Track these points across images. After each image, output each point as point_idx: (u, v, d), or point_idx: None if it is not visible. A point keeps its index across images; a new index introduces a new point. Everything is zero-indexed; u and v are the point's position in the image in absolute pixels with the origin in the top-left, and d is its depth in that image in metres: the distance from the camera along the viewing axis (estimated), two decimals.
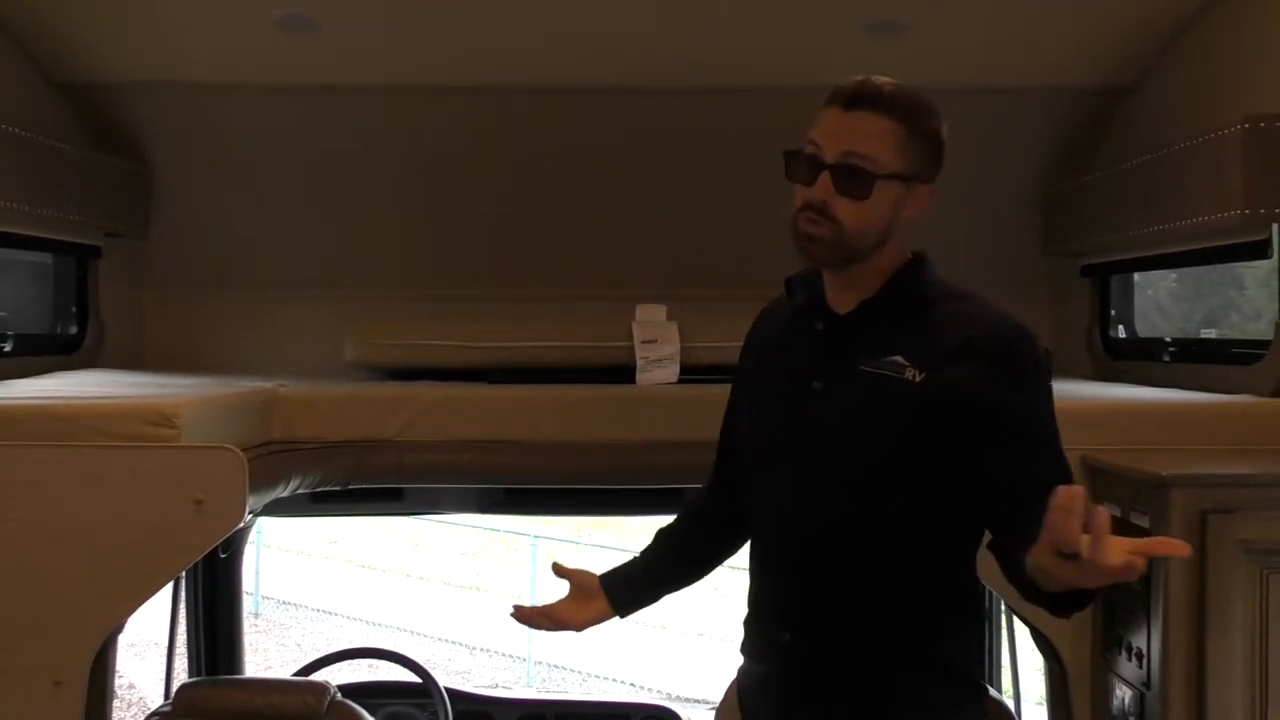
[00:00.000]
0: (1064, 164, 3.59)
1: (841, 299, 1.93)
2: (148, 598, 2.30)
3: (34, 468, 2.23)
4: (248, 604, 13.69)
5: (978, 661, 1.98)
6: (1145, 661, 2.16)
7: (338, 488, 2.84)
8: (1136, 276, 3.63)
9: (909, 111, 1.82)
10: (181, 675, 3.59)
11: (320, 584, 14.97)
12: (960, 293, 1.90)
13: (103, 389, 2.66)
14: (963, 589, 1.93)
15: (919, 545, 1.86)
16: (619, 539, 14.60)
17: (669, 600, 2.25)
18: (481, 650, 12.87)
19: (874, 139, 1.80)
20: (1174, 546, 1.57)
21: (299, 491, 2.75)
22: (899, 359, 1.81)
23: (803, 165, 1.85)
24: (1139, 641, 2.18)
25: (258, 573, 14.18)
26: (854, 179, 1.80)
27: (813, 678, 1.91)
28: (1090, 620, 2.37)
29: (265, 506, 2.90)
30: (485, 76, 3.30)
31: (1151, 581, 2.13)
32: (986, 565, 1.90)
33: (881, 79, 1.83)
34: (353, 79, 3.29)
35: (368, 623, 13.68)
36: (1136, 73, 3.28)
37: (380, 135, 3.47)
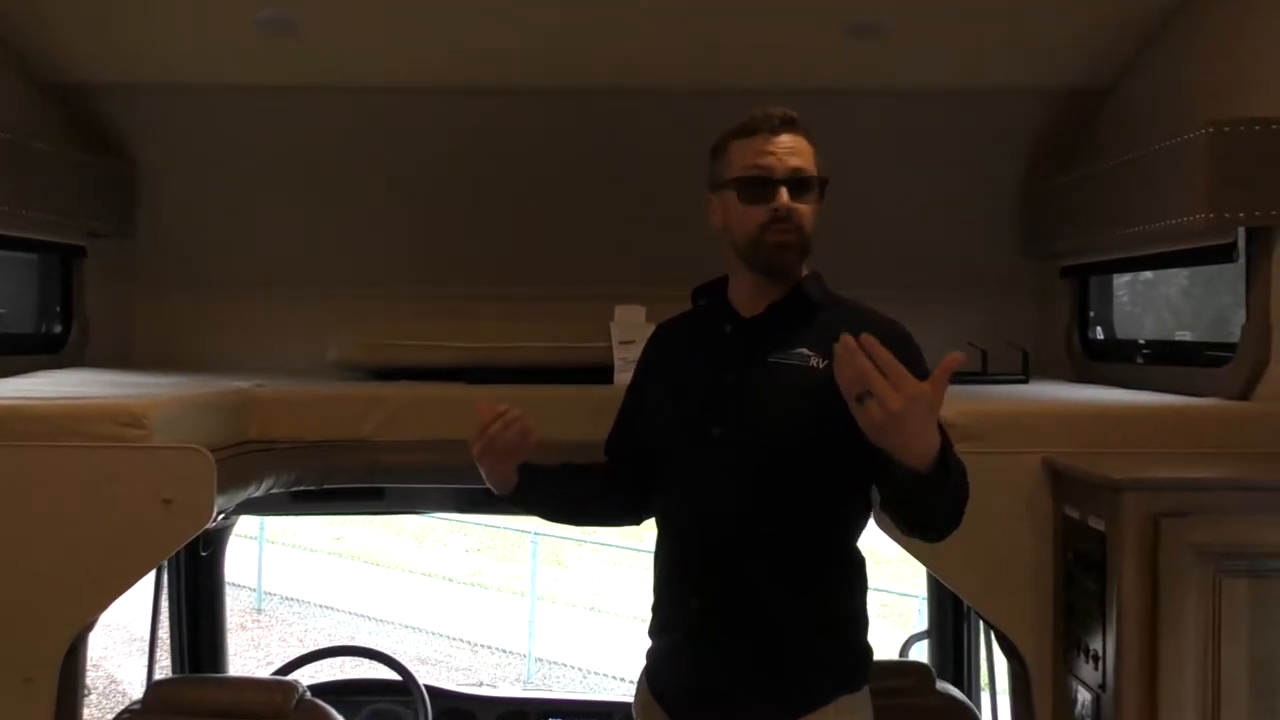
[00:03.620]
0: (1045, 165, 3.60)
1: (750, 304, 2.19)
2: (118, 596, 2.33)
3: (3, 467, 2.26)
4: (251, 599, 13.87)
5: (864, 626, 2.20)
6: (1102, 663, 2.17)
7: (312, 487, 2.86)
8: (1149, 273, 3.63)
9: (809, 132, 2.16)
10: (166, 672, 3.63)
11: (324, 579, 15.02)
12: (846, 300, 2.21)
13: (79, 389, 2.69)
14: (852, 559, 2.18)
15: (819, 514, 2.11)
16: (618, 535, 14.62)
17: None
18: (483, 647, 12.91)
19: (804, 154, 2.13)
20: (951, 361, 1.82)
21: (274, 491, 2.77)
22: (804, 350, 2.10)
23: (757, 186, 2.11)
24: (1096, 644, 2.19)
25: (260, 568, 14.24)
26: (807, 186, 2.12)
27: (717, 639, 2.11)
28: (1051, 622, 2.38)
29: (242, 505, 2.93)
30: (467, 77, 3.31)
31: (1106, 584, 2.15)
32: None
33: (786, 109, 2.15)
34: (334, 79, 3.31)
35: (370, 619, 13.71)
36: (1115, 74, 3.29)
37: (361, 135, 3.49)
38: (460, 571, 15.78)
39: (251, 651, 12.14)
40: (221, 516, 3.07)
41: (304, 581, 14.72)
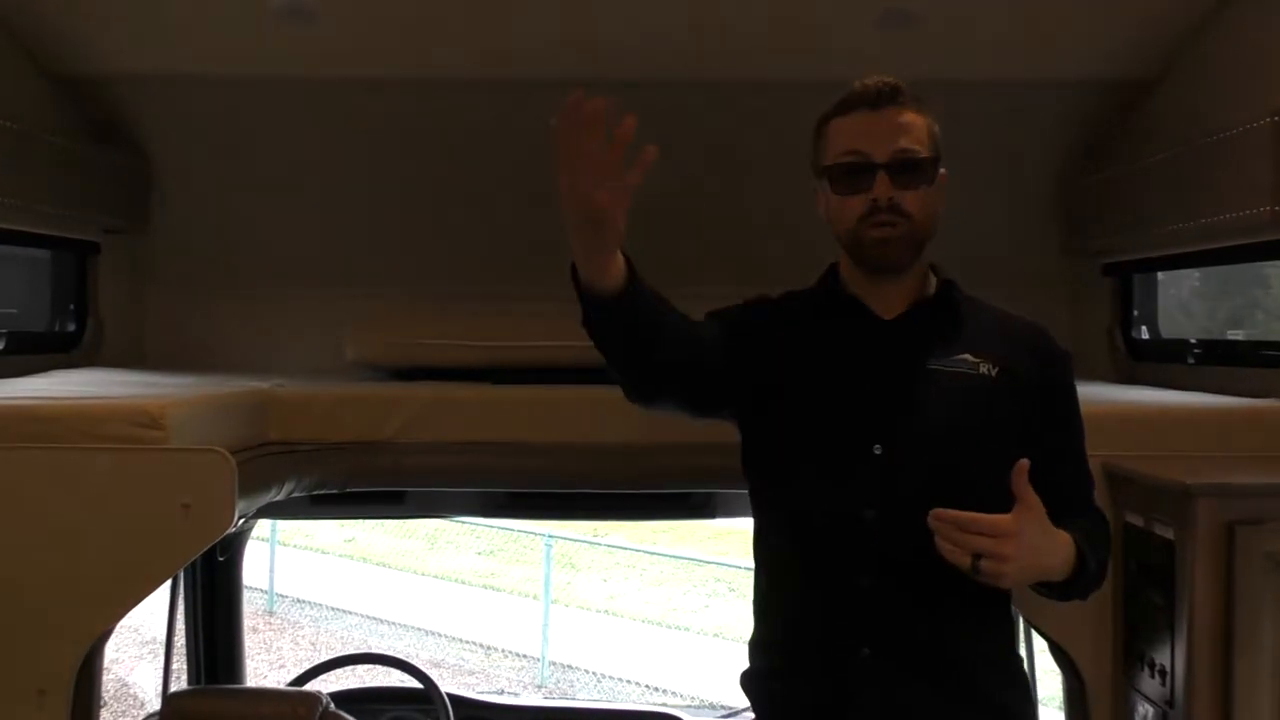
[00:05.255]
0: (1085, 159, 3.49)
1: (885, 305, 1.97)
2: (134, 604, 2.23)
3: (16, 470, 2.16)
4: (262, 601, 13.81)
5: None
6: (1169, 679, 2.06)
7: (334, 490, 2.77)
8: (1160, 275, 3.53)
9: (922, 103, 1.92)
10: (181, 680, 3.54)
11: (336, 582, 14.95)
12: (981, 299, 2.04)
13: (94, 388, 2.60)
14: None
15: None
16: (635, 539, 14.56)
17: (682, 602, 2.12)
18: (496, 650, 12.83)
19: (912, 131, 1.88)
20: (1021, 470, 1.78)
21: (295, 494, 2.68)
22: (968, 356, 1.90)
23: (853, 174, 1.88)
24: (1162, 658, 2.09)
25: (272, 570, 14.19)
26: (915, 169, 1.87)
27: (896, 688, 1.86)
28: (1111, 634, 2.27)
29: (262, 509, 2.84)
30: (489, 69, 3.22)
31: (1175, 595, 2.04)
32: None
33: (888, 77, 1.91)
34: (353, 71, 3.21)
35: (382, 621, 13.65)
36: (1161, 64, 3.17)
37: (382, 129, 3.40)
38: (473, 574, 15.71)
39: (264, 654, 12.09)
40: (241, 521, 2.98)
41: (316, 584, 14.65)
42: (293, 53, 3.15)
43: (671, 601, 13.37)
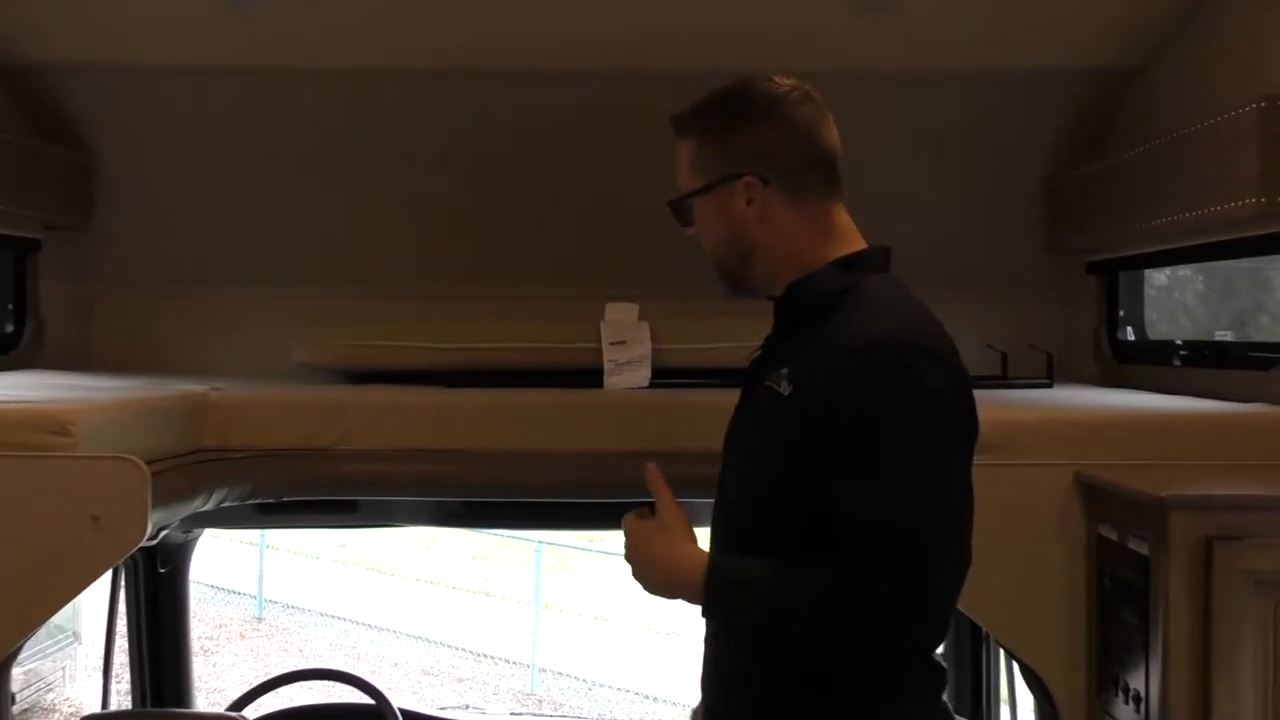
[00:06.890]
0: (1069, 152, 3.36)
1: None
2: (41, 623, 2.12)
3: None
4: (251, 608, 13.68)
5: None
6: (1144, 705, 1.92)
7: (270, 500, 2.63)
8: (1164, 273, 3.39)
9: (695, 121, 1.78)
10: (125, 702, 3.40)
11: (328, 587, 14.82)
12: (860, 300, 1.67)
13: (17, 392, 2.46)
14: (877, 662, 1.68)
15: None
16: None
17: (674, 605, 1.93)
18: (486, 657, 12.70)
19: (681, 167, 1.81)
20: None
21: (228, 504, 2.54)
22: (783, 371, 1.67)
23: None
24: (1136, 682, 1.94)
25: (261, 576, 14.08)
26: (675, 213, 1.84)
27: (711, 699, 1.86)
28: (1084, 655, 2.13)
29: (203, 518, 2.71)
30: (447, 59, 3.10)
31: (1149, 615, 1.90)
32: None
33: (695, 101, 1.80)
34: (304, 61, 3.09)
35: (373, 627, 13.52)
36: (1147, 52, 3.05)
37: (335, 122, 3.27)
38: (466, 579, 15.57)
39: (251, 661, 11.99)
40: (163, 533, 2.84)
41: (306, 589, 14.53)
42: (241, 42, 3.04)
43: (665, 607, 13.22)
